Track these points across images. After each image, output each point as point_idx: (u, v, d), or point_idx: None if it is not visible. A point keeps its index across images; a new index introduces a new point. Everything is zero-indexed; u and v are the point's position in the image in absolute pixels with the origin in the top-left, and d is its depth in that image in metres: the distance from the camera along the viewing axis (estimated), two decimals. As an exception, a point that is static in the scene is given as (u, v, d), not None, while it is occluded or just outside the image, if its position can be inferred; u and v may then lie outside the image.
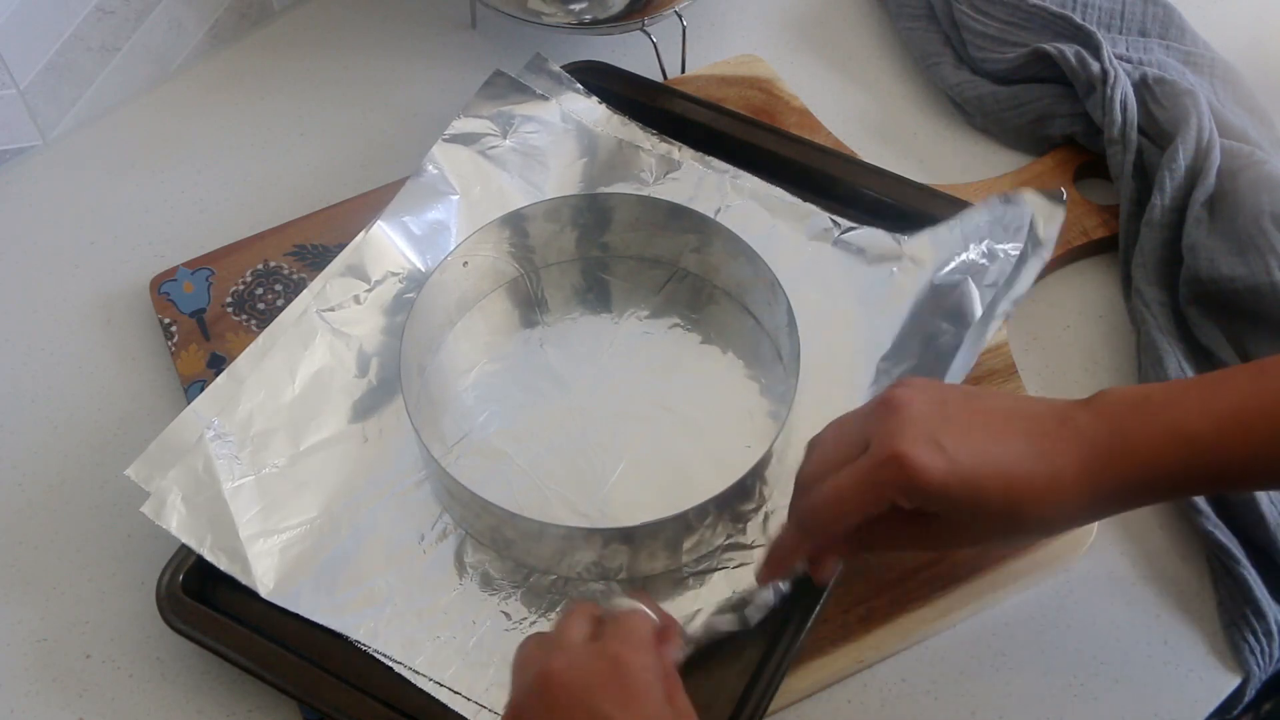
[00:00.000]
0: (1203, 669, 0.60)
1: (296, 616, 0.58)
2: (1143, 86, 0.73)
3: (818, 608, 0.58)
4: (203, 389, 0.66)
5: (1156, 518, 0.64)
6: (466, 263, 0.66)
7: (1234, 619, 0.60)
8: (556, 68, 0.74)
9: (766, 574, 0.57)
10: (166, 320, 0.69)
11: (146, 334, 0.70)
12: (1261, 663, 0.59)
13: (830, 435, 0.53)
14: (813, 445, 0.54)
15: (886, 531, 0.52)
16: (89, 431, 0.67)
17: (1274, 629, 0.60)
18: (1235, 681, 0.59)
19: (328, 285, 0.66)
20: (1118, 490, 0.50)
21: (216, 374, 0.67)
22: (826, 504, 0.51)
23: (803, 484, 0.53)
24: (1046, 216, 0.66)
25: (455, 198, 0.70)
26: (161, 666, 0.60)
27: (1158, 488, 0.50)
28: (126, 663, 0.60)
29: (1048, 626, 0.61)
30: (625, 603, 0.51)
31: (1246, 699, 0.61)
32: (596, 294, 0.69)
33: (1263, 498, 0.61)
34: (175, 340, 0.68)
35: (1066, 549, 0.61)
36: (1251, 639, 0.60)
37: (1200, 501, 0.62)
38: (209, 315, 0.69)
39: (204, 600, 0.59)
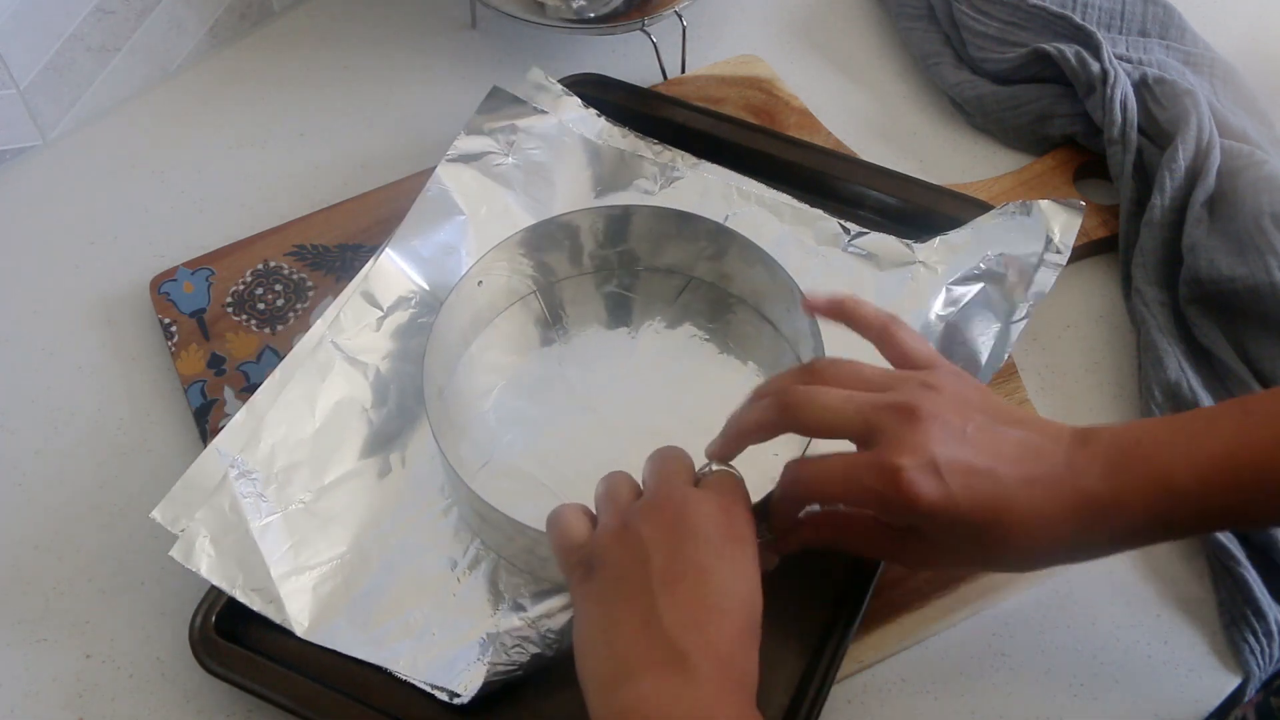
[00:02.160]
0: (1203, 669, 0.60)
1: (335, 652, 0.58)
2: (1143, 87, 0.73)
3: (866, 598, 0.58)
4: (203, 390, 0.66)
5: (1156, 518, 0.64)
6: (481, 282, 0.66)
7: (1234, 619, 0.60)
8: (554, 82, 0.74)
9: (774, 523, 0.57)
10: (166, 320, 0.69)
11: (146, 334, 0.70)
12: (1261, 663, 0.59)
13: (845, 393, 0.53)
14: (816, 371, 0.54)
15: (864, 533, 0.54)
16: (89, 431, 0.67)
17: (1274, 629, 0.60)
18: (1235, 682, 0.59)
19: (341, 313, 0.66)
20: (1105, 537, 0.51)
21: (216, 374, 0.67)
22: (812, 479, 0.53)
23: (783, 394, 0.53)
24: (1063, 226, 0.66)
25: (462, 218, 0.70)
26: (161, 667, 0.60)
27: (1142, 535, 0.52)
28: (126, 663, 0.60)
29: (1048, 626, 0.61)
30: (719, 467, 0.54)
31: (1247, 698, 0.61)
32: (612, 307, 0.69)
33: (1263, 498, 0.61)
34: (175, 340, 0.68)
35: (1066, 549, 0.61)
36: (1251, 639, 0.60)
37: (1200, 502, 0.62)
38: (209, 315, 0.69)
39: (238, 640, 0.58)
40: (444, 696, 0.56)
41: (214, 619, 0.58)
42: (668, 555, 0.49)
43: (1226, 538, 0.61)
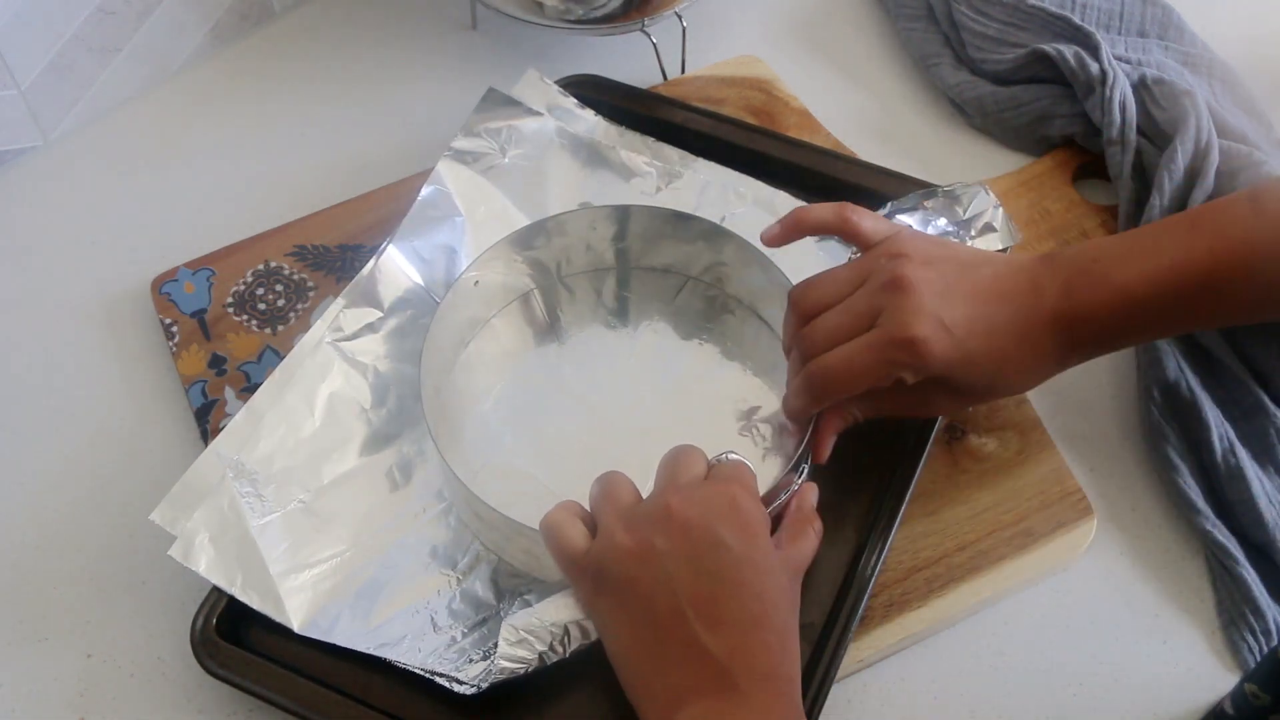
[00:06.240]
0: (1202, 668, 0.60)
1: (335, 653, 0.58)
2: (1141, 87, 0.73)
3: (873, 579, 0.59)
4: (204, 390, 0.66)
5: (1156, 517, 0.64)
6: (477, 282, 0.66)
7: (1233, 618, 0.60)
8: (550, 83, 0.74)
9: (795, 432, 0.62)
10: (168, 320, 0.69)
11: (147, 334, 0.70)
12: (1260, 661, 0.60)
13: (831, 303, 0.58)
14: (804, 304, 0.59)
15: (885, 399, 0.59)
16: (89, 432, 0.67)
17: (1272, 628, 0.60)
18: (1234, 680, 0.59)
19: (341, 315, 0.66)
20: (1074, 346, 0.57)
21: (217, 374, 0.67)
22: (838, 373, 0.57)
23: (808, 348, 0.58)
24: (975, 206, 0.66)
25: (460, 219, 0.70)
26: (162, 666, 0.60)
27: (1106, 341, 0.59)
28: (127, 662, 0.60)
29: (1048, 626, 0.61)
30: (733, 457, 0.56)
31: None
32: (610, 307, 0.69)
33: (1261, 497, 0.61)
34: (176, 340, 0.68)
35: (1066, 549, 0.62)
36: (1250, 638, 0.60)
37: (1199, 501, 0.62)
38: (210, 315, 0.69)
39: (239, 641, 0.58)
40: (444, 683, 0.56)
41: (215, 620, 0.58)
42: (691, 572, 0.50)
43: (1225, 536, 0.61)
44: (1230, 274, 0.56)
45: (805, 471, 0.60)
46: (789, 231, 0.62)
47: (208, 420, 0.65)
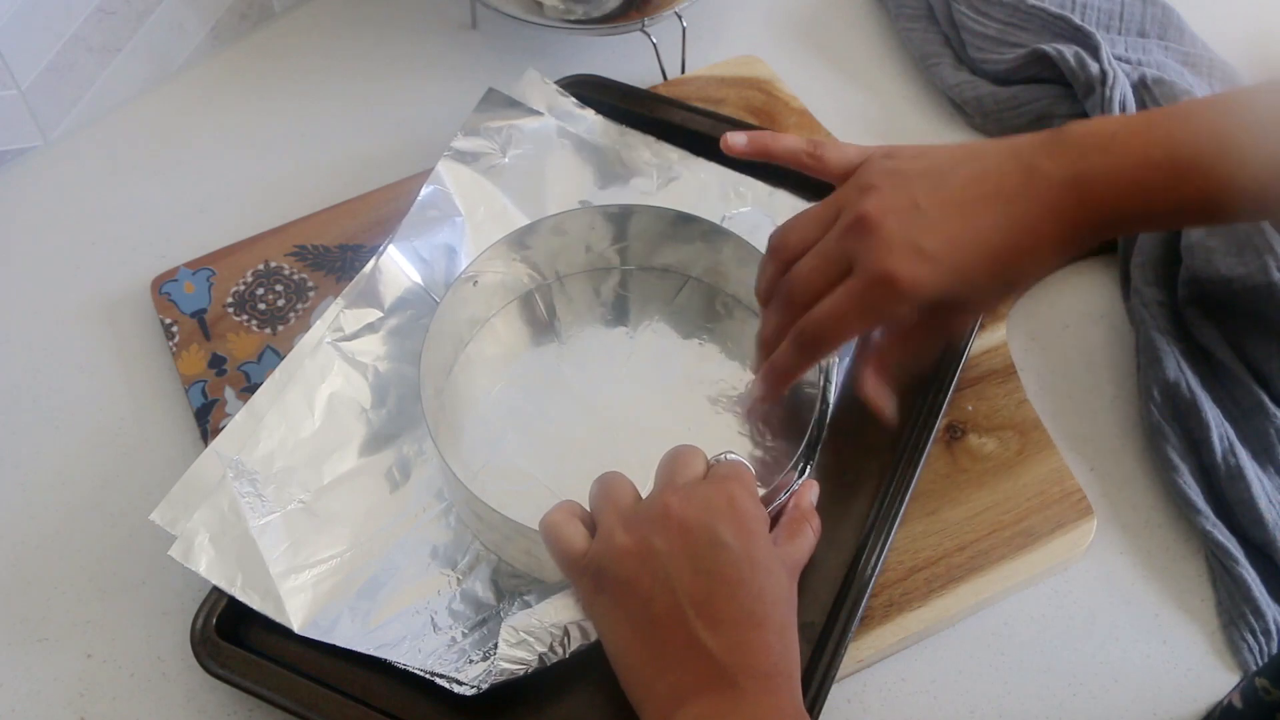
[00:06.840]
0: (1201, 668, 0.60)
1: (335, 653, 0.58)
2: (1142, 87, 0.74)
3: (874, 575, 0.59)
4: (204, 390, 0.66)
5: (1156, 517, 0.64)
6: (476, 282, 0.66)
7: (1233, 618, 0.60)
8: (550, 82, 0.74)
9: (770, 393, 0.60)
10: (168, 320, 0.69)
11: (147, 334, 0.70)
12: (1260, 662, 0.60)
13: (809, 244, 0.56)
14: (783, 250, 0.57)
15: (906, 336, 0.56)
16: (89, 432, 0.67)
17: (1272, 628, 0.60)
18: (1234, 680, 0.59)
19: (341, 315, 0.66)
20: (1087, 231, 0.54)
21: (217, 374, 0.67)
22: (827, 327, 0.55)
23: (788, 298, 0.56)
24: None
25: (460, 219, 0.70)
26: (162, 666, 0.60)
27: (1120, 225, 0.54)
28: (127, 663, 0.60)
29: (1047, 626, 0.61)
30: (732, 456, 0.55)
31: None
32: (609, 307, 0.69)
33: (1261, 497, 0.61)
34: (176, 340, 0.68)
35: (1066, 549, 0.62)
36: (1250, 638, 0.60)
37: (1199, 501, 0.62)
38: (210, 315, 0.69)
39: (239, 641, 0.58)
40: (444, 683, 0.56)
41: (215, 620, 0.58)
42: (690, 571, 0.50)
43: (1225, 536, 0.61)
44: (1258, 162, 0.52)
45: (806, 470, 0.60)
46: (754, 148, 0.62)
47: (208, 420, 0.65)
